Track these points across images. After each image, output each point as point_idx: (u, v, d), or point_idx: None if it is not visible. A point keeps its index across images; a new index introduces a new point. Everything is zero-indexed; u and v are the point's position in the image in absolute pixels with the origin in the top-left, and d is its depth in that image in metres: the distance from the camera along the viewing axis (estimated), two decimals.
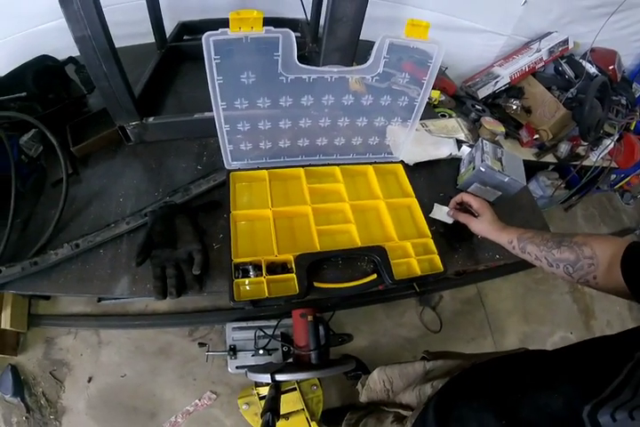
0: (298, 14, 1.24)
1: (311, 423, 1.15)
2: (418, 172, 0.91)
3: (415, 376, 0.85)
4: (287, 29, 0.63)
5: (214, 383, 1.39)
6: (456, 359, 0.78)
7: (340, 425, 1.22)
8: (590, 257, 0.56)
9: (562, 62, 1.52)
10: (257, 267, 0.69)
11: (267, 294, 0.66)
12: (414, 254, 0.74)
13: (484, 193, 0.90)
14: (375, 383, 1.00)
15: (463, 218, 0.78)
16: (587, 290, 1.82)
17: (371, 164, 0.86)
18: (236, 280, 0.67)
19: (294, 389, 1.15)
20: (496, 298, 1.71)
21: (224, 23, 0.60)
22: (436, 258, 0.75)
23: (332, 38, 0.76)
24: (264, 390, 1.15)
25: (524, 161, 0.91)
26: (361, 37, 0.76)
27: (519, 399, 0.48)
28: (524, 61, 1.40)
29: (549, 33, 1.44)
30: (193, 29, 1.35)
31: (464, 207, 0.81)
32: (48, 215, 0.81)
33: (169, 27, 1.26)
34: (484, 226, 0.74)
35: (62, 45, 1.05)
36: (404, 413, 0.90)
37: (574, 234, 0.61)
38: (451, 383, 0.66)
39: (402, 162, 0.88)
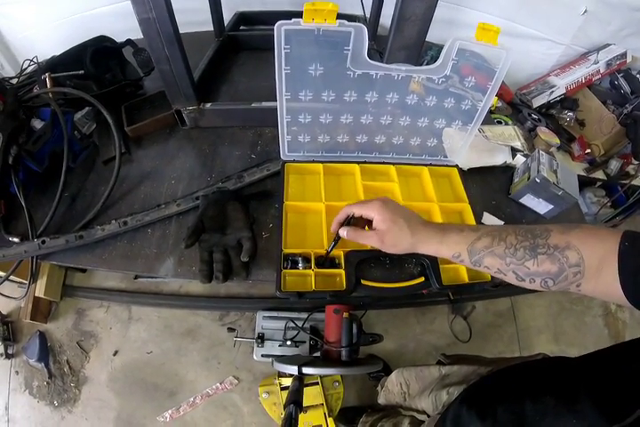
0: (356, 11, 1.24)
1: (328, 419, 1.15)
2: (471, 177, 0.89)
3: (431, 380, 0.84)
4: (360, 24, 0.62)
5: (238, 369, 1.41)
6: (472, 365, 0.76)
7: (354, 425, 1.22)
8: (577, 264, 0.43)
9: (618, 76, 1.46)
10: (306, 259, 0.70)
11: (313, 288, 0.66)
12: None
13: (536, 205, 0.87)
14: (393, 385, 0.99)
15: (362, 237, 0.59)
16: (620, 315, 1.75)
17: (426, 165, 0.85)
18: (284, 271, 0.67)
19: (316, 383, 1.16)
20: (529, 314, 1.67)
21: (281, 15, 0.61)
22: None
23: (399, 37, 0.76)
24: (286, 381, 1.17)
25: None
26: None
27: (537, 423, 0.46)
28: (580, 72, 1.35)
29: (607, 45, 1.38)
30: (250, 20, 1.37)
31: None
32: (97, 192, 0.84)
33: (226, 16, 1.27)
34: (402, 238, 0.54)
35: (118, 29, 1.09)
36: (420, 417, 0.90)
37: (546, 230, 0.46)
38: (467, 395, 0.64)
39: (456, 166, 0.87)
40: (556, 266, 0.44)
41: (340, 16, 0.60)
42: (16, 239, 0.75)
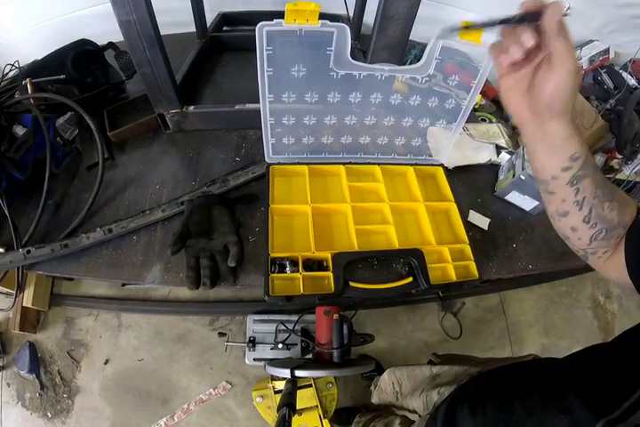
0: (339, 10, 1.23)
1: (323, 421, 1.15)
2: (456, 176, 0.89)
3: (422, 379, 0.85)
4: (343, 24, 0.62)
5: (230, 374, 1.40)
6: (463, 365, 0.77)
7: (349, 425, 1.22)
8: (625, 225, 0.42)
9: (602, 72, 1.48)
10: (293, 263, 0.69)
11: (302, 291, 0.66)
12: (451, 260, 0.73)
13: (522, 202, 0.88)
14: (386, 385, 1.00)
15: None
16: (608, 307, 1.78)
17: (411, 165, 0.85)
18: (271, 275, 0.67)
19: (310, 385, 1.16)
20: (518, 308, 1.68)
21: (265, 15, 0.60)
22: (472, 265, 0.73)
23: (382, 36, 0.75)
24: (280, 384, 1.16)
25: None
26: None
27: (525, 419, 0.47)
28: None
29: (591, 41, 1.40)
30: (233, 20, 1.35)
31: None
32: (81, 199, 0.82)
33: (209, 17, 1.26)
34: (564, 92, 0.39)
35: (100, 31, 1.06)
36: (412, 417, 0.90)
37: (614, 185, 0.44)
38: (457, 395, 0.64)
39: (442, 165, 0.87)
40: (617, 218, 0.43)
41: (322, 16, 0.59)
42: (0, 249, 0.73)
